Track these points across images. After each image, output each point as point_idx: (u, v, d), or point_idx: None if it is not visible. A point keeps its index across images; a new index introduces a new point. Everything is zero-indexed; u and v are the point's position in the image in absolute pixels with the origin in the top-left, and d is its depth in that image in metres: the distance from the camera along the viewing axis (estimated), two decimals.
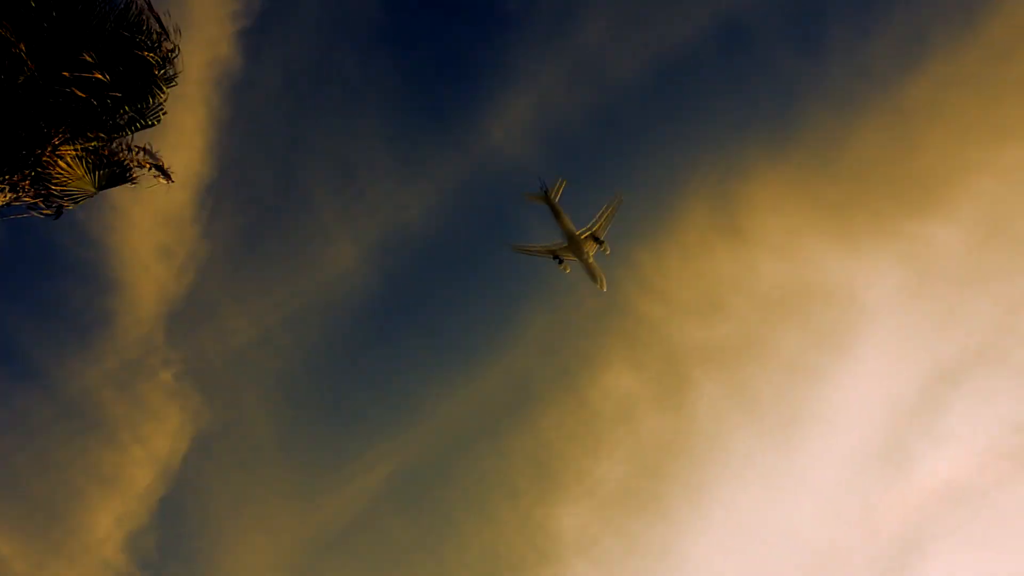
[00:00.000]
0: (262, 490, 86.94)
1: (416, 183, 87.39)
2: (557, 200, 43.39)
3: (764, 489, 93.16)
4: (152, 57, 15.41)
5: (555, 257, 46.18)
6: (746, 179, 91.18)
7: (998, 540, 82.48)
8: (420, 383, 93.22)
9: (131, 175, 16.57)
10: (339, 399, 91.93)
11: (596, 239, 45.33)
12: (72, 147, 15.37)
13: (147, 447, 74.59)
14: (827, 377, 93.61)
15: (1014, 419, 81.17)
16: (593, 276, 47.87)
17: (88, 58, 14.53)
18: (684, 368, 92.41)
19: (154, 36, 15.38)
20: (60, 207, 15.86)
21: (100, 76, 14.67)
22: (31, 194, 15.38)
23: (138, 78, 15.48)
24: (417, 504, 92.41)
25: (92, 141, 15.67)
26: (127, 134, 16.26)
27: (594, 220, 45.41)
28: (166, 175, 16.94)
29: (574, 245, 45.05)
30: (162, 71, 15.76)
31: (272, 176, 79.95)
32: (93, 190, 16.12)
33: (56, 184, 15.47)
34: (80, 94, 14.68)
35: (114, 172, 16.30)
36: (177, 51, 15.79)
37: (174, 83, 16.09)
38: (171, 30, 15.51)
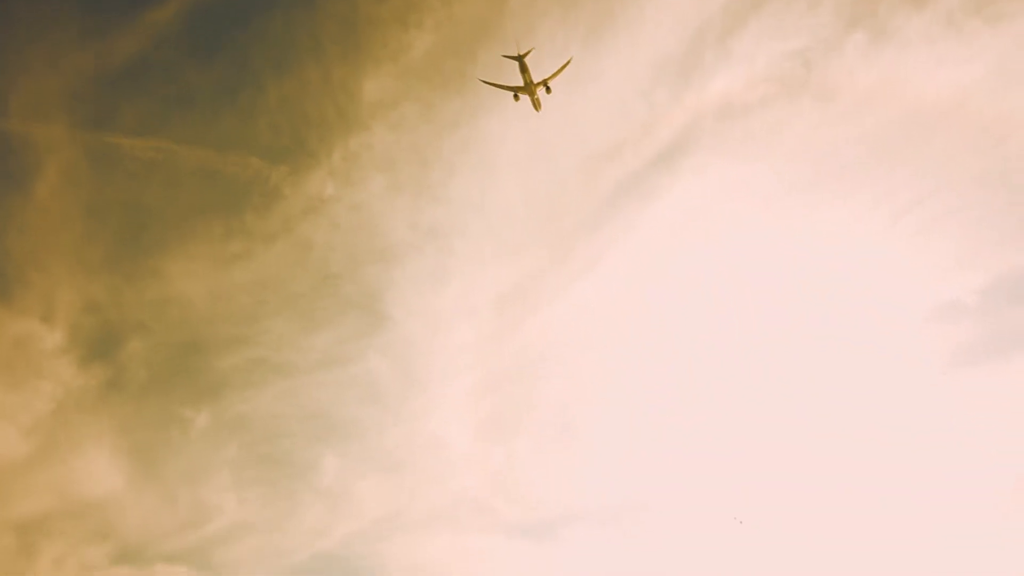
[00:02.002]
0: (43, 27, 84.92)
1: None
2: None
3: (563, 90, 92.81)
4: None
5: (514, 94, 63.87)
6: None
7: (751, 151, 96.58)
8: None
9: None
10: None
11: (546, 86, 63.76)
12: None
13: None
14: None
15: (790, 47, 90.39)
16: (536, 107, 66.26)
17: None
18: None
19: None
20: None
21: None
22: None
23: None
24: (214, 47, 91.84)
25: None
26: None
27: (551, 75, 63.82)
28: None
29: (528, 89, 63.24)
30: None
31: None
32: None
33: None
34: None
35: None
36: None
37: None
38: None
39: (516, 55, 62.31)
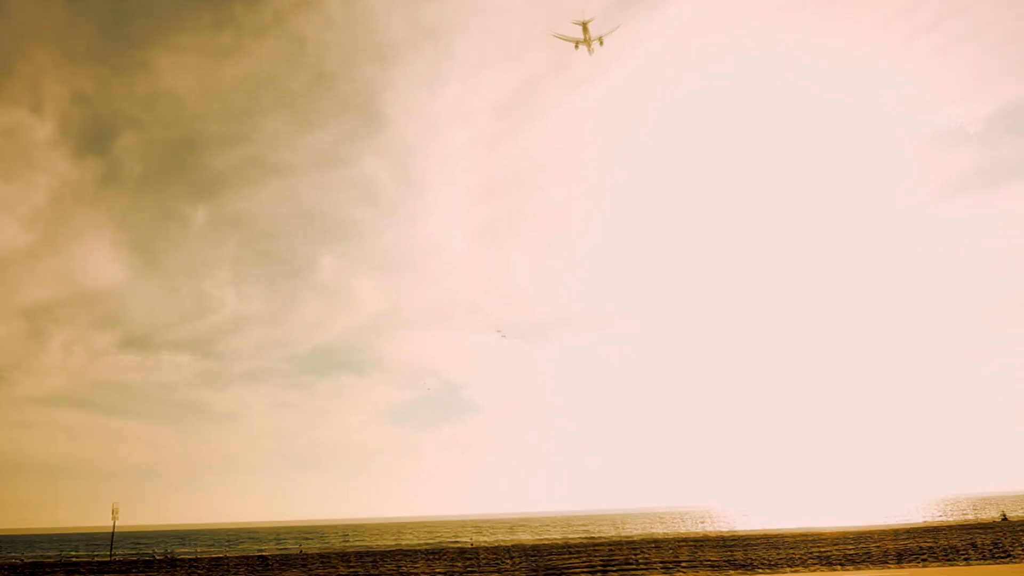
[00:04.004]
0: None
1: None
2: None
3: None
4: None
5: (575, 44, 66.25)
6: None
7: None
8: None
9: None
10: None
11: (600, 40, 66.74)
12: None
13: None
14: None
15: None
16: (590, 52, 70.11)
17: None
18: None
19: None
20: None
21: None
22: None
23: None
24: None
25: None
26: None
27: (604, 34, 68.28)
28: None
29: (586, 42, 66.13)
30: None
31: None
32: None
33: None
34: None
35: None
36: None
37: None
38: None
39: (581, 21, 69.03)
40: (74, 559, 45.52)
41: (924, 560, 19.89)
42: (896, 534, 35.69)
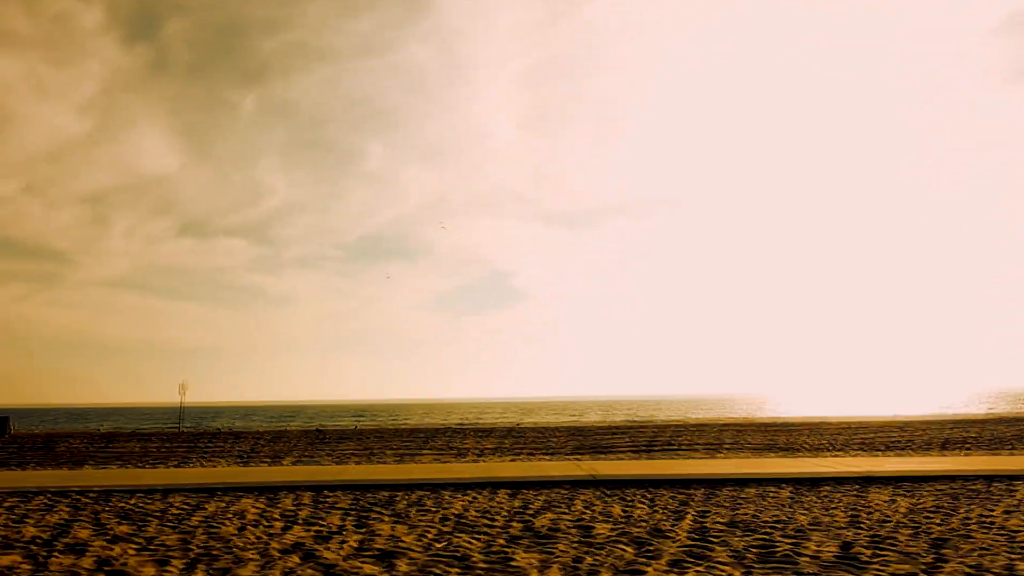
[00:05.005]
0: None
1: None
2: None
3: None
4: None
5: None
6: None
7: None
8: None
9: None
10: None
11: None
12: None
13: None
14: None
15: None
16: None
17: None
18: None
19: None
20: None
21: None
22: None
23: None
24: None
25: None
26: None
27: None
28: None
29: None
30: None
31: None
32: None
33: None
34: None
35: None
36: None
37: None
38: None
39: None
40: (146, 431, 48.51)
41: (968, 449, 19.92)
42: (942, 425, 35.79)
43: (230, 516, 9.77)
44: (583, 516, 9.40)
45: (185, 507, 10.64)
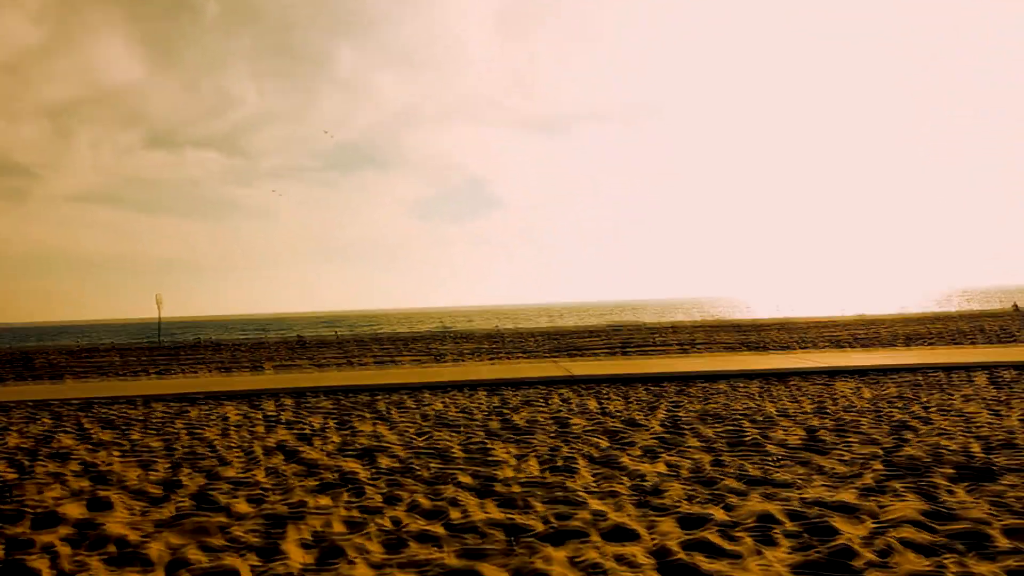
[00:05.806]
0: None
1: None
2: None
3: None
4: None
5: None
6: None
7: None
8: None
9: None
10: None
11: None
12: None
13: None
14: None
15: None
16: None
17: None
18: None
19: None
20: None
21: None
22: None
23: None
24: None
25: None
26: None
27: None
28: None
29: None
30: None
31: None
32: None
33: None
34: None
35: None
36: None
37: None
38: None
39: None
40: (125, 344, 48.52)
41: (931, 343, 20.52)
42: (906, 321, 36.81)
43: (213, 419, 9.92)
44: (559, 411, 9.66)
45: (167, 413, 10.78)
